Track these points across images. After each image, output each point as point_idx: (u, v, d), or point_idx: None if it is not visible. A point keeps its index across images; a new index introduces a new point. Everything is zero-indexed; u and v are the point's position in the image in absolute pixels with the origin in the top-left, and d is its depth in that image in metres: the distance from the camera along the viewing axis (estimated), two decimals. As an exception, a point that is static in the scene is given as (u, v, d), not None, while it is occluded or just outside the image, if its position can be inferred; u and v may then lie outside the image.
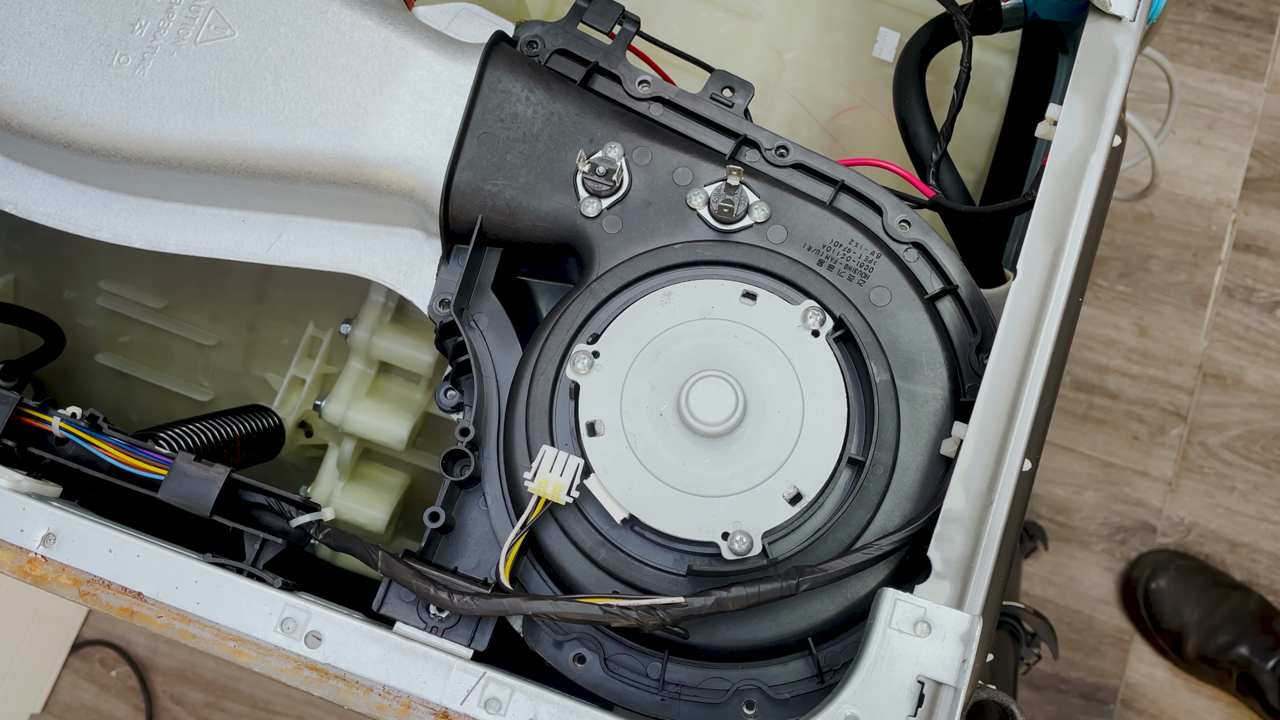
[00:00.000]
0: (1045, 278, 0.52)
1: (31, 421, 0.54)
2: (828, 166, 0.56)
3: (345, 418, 0.69)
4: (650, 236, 0.54)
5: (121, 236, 0.60)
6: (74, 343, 0.76)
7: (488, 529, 0.53)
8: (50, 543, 0.49)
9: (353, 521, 0.72)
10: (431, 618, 0.51)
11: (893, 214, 0.55)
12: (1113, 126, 0.55)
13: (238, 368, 0.78)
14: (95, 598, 0.49)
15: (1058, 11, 0.61)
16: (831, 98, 0.76)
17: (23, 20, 0.56)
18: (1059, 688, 1.57)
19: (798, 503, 0.50)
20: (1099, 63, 0.55)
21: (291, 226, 0.59)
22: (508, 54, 0.56)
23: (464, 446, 0.53)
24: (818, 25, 0.76)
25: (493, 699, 0.47)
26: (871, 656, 0.47)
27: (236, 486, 0.52)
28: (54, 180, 0.60)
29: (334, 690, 0.49)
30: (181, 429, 0.62)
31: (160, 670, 1.61)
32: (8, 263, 0.77)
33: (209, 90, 0.55)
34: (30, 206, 0.60)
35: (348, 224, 0.59)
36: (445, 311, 0.55)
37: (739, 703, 0.51)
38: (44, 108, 0.55)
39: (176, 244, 0.59)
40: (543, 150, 0.55)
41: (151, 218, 0.60)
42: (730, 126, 0.56)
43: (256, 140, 0.55)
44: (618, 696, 0.51)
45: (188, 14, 0.56)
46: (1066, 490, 1.68)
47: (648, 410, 0.51)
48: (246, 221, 0.59)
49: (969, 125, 0.74)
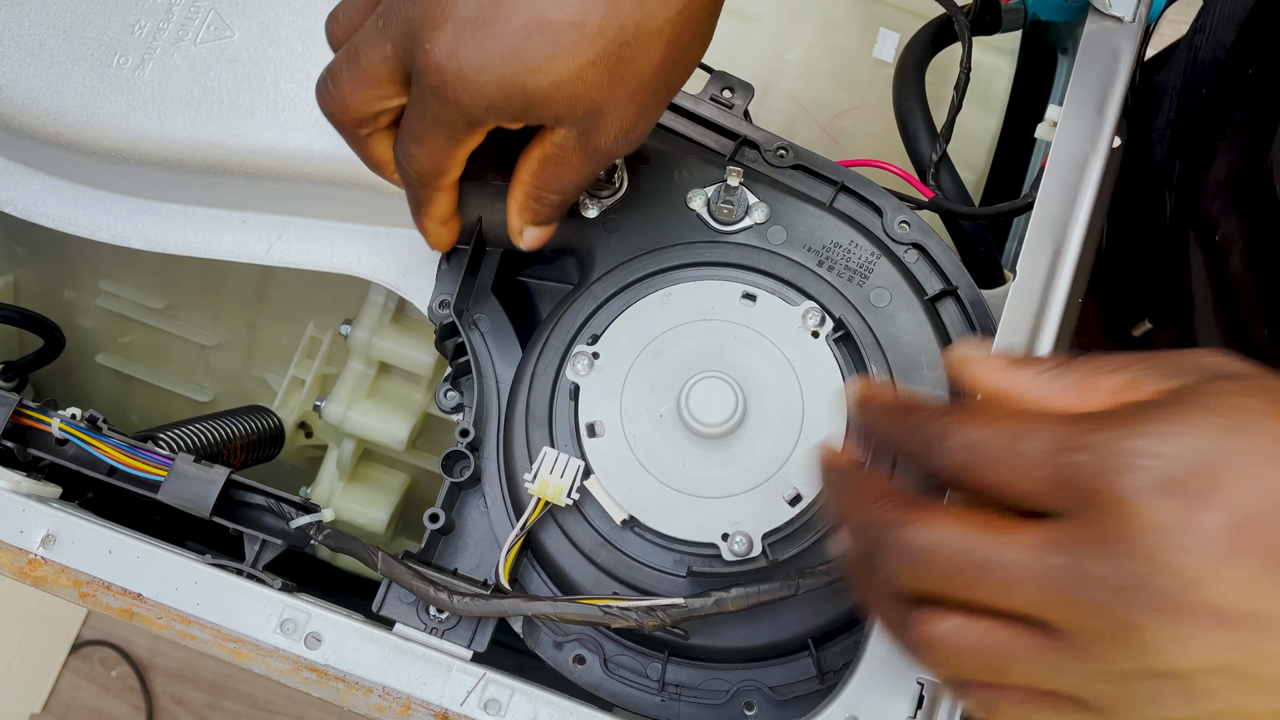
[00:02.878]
0: (1045, 278, 0.52)
1: (31, 422, 0.54)
2: (827, 167, 0.56)
3: (345, 418, 0.69)
4: (649, 238, 0.54)
5: (121, 237, 0.60)
6: (74, 343, 0.76)
7: (488, 530, 0.53)
8: (50, 544, 0.49)
9: (352, 522, 0.72)
10: (431, 619, 0.51)
11: (892, 215, 0.55)
12: (1112, 127, 0.55)
13: (238, 368, 0.78)
14: (95, 599, 0.49)
15: (1058, 12, 0.61)
16: (831, 98, 0.76)
17: (22, 21, 0.56)
18: (1059, 688, 1.57)
19: (798, 504, 0.50)
20: (1099, 63, 0.55)
21: (291, 227, 0.59)
22: (507, 55, 0.56)
23: (464, 448, 0.53)
24: (818, 26, 0.76)
25: (492, 700, 0.47)
26: (871, 657, 0.47)
27: (236, 487, 0.52)
28: (54, 181, 0.60)
29: (334, 691, 0.49)
30: (181, 430, 0.62)
31: (160, 670, 1.61)
32: (7, 263, 0.77)
33: (209, 91, 0.55)
34: (30, 207, 0.60)
35: (348, 225, 0.59)
36: (445, 312, 0.55)
37: (739, 703, 0.51)
38: (44, 108, 0.55)
39: (176, 245, 0.59)
40: (542, 151, 0.54)
41: (151, 218, 0.60)
42: (730, 127, 0.56)
43: (256, 141, 0.55)
44: (617, 697, 0.51)
45: (187, 15, 0.56)
46: (1066, 490, 1.68)
47: (648, 411, 0.51)
48: (246, 222, 0.59)
49: (969, 126, 0.74)
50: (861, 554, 0.37)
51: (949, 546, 0.35)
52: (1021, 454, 0.35)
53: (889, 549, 0.36)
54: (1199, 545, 0.32)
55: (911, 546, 0.35)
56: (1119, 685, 0.34)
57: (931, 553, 0.35)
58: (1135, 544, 0.33)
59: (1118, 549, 0.33)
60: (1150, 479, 0.33)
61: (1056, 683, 0.35)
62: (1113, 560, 0.33)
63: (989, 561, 0.34)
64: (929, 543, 0.35)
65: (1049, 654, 0.35)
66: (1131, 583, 0.33)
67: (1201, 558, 0.32)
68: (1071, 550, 0.34)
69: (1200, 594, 0.32)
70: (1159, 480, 0.33)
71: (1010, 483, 0.35)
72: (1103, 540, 0.33)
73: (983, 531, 0.35)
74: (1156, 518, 0.32)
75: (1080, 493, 0.34)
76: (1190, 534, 0.32)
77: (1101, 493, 0.33)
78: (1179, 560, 0.32)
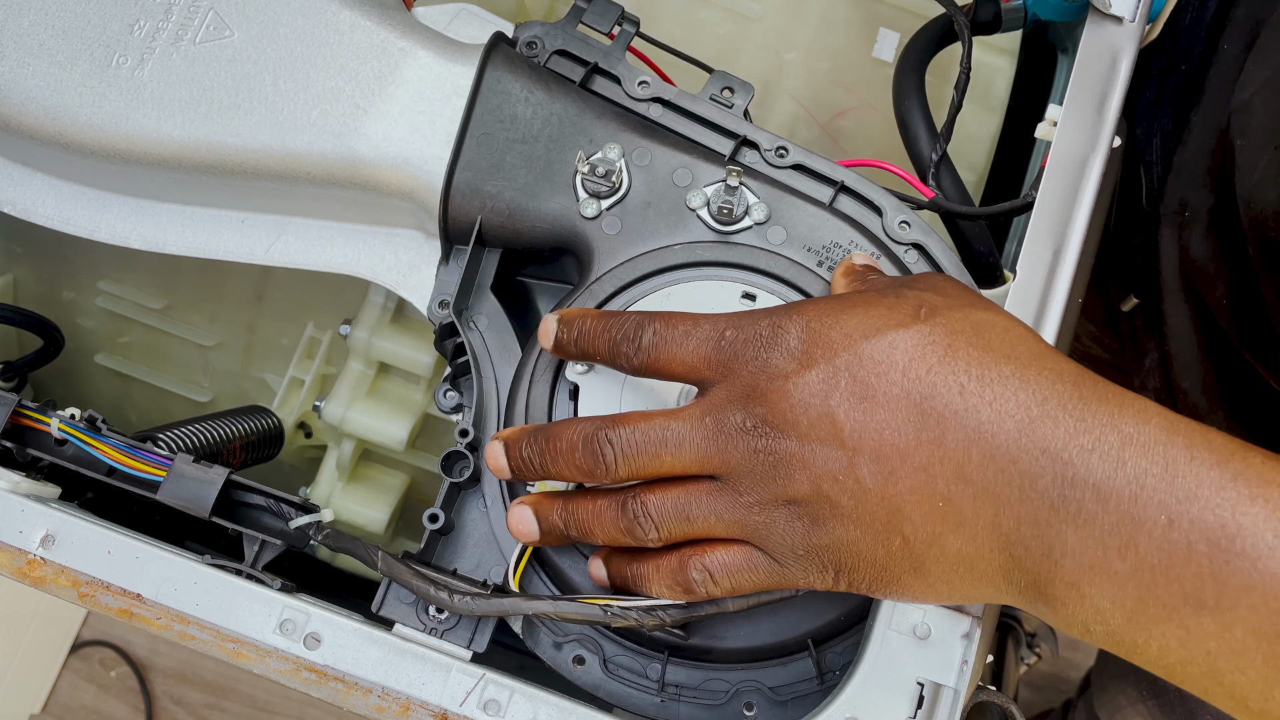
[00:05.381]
0: (1045, 278, 0.52)
1: (30, 423, 0.53)
2: (827, 167, 0.56)
3: (344, 418, 0.69)
4: (650, 237, 0.54)
5: (120, 237, 0.60)
6: (73, 343, 0.76)
7: (487, 530, 0.53)
8: (49, 544, 0.49)
9: (352, 522, 0.72)
10: (431, 619, 0.51)
11: (892, 215, 0.55)
12: (1112, 127, 0.55)
13: (237, 368, 0.78)
14: (94, 599, 0.49)
15: (1058, 12, 0.61)
16: (831, 98, 0.76)
17: (21, 21, 0.56)
18: (1059, 688, 1.57)
19: (797, 504, 0.50)
20: (1099, 63, 0.55)
21: (291, 227, 0.59)
22: (507, 55, 0.56)
23: (463, 448, 0.52)
24: (818, 26, 0.76)
25: (492, 700, 0.47)
26: (871, 658, 0.47)
27: (235, 488, 0.52)
28: (53, 181, 0.60)
29: (333, 692, 0.49)
30: (180, 430, 0.62)
31: (160, 671, 1.61)
32: (7, 263, 0.77)
33: (208, 91, 0.55)
34: (29, 207, 0.60)
35: (347, 225, 0.59)
36: (444, 312, 0.55)
37: (739, 704, 0.51)
38: (43, 108, 0.55)
39: (175, 245, 0.59)
40: (542, 151, 0.54)
41: (150, 218, 0.60)
42: (730, 127, 0.56)
43: (255, 141, 0.55)
44: (617, 698, 0.51)
45: (187, 15, 0.56)
46: (1066, 490, 1.68)
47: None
48: (246, 222, 0.59)
49: (969, 126, 0.74)
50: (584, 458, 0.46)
51: (640, 436, 0.45)
52: (691, 340, 0.46)
53: (603, 444, 0.45)
54: (801, 392, 0.43)
55: (615, 439, 0.45)
56: (765, 515, 0.44)
57: (629, 440, 0.45)
58: (756, 394, 0.44)
59: (745, 400, 0.44)
60: (769, 349, 0.44)
61: (725, 521, 0.45)
62: (743, 409, 0.44)
63: (665, 437, 0.45)
64: (625, 434, 0.45)
65: (716, 495, 0.45)
66: (754, 424, 0.43)
67: (804, 401, 0.43)
68: (714, 410, 0.44)
69: (803, 430, 0.43)
70: (775, 349, 0.44)
71: (686, 364, 0.46)
72: (734, 397, 0.44)
73: (658, 420, 0.45)
74: (771, 373, 0.43)
75: (724, 364, 0.45)
76: (795, 383, 0.43)
77: (737, 359, 0.44)
78: (785, 404, 0.43)
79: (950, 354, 0.42)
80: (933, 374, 0.42)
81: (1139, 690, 0.88)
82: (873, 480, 0.42)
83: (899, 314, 0.44)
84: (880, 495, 0.42)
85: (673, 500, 0.45)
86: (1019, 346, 0.43)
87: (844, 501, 0.43)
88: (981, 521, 0.41)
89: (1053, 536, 0.40)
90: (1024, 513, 0.41)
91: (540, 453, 0.47)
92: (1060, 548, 0.40)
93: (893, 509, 0.42)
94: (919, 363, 0.42)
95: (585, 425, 0.46)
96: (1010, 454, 0.41)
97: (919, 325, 0.43)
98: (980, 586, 0.43)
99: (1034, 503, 0.40)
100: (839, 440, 0.42)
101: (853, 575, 0.44)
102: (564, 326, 0.49)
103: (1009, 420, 0.41)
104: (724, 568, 0.45)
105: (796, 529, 0.44)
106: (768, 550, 0.45)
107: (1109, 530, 0.39)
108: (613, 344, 0.47)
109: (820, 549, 0.44)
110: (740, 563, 0.45)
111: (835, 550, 0.44)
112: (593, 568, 0.50)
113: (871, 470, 0.42)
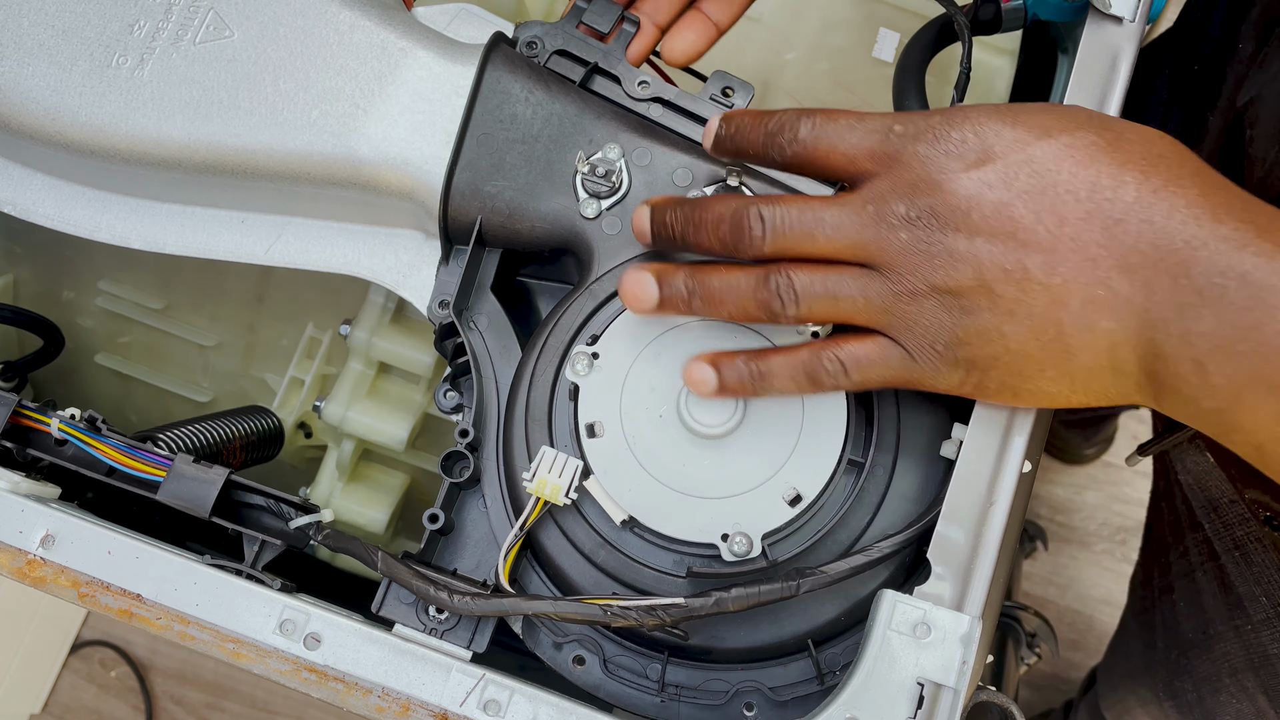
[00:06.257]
0: (1045, 279, 0.52)
1: (30, 423, 0.53)
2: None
3: (345, 419, 0.69)
4: (650, 237, 0.54)
5: (120, 237, 0.60)
6: (73, 343, 0.76)
7: (487, 530, 0.53)
8: (49, 544, 0.49)
9: (352, 522, 0.72)
10: (431, 619, 0.51)
11: (893, 215, 0.55)
12: (1113, 127, 0.55)
13: (237, 368, 0.78)
14: (94, 599, 0.49)
15: (1058, 12, 0.61)
16: (831, 98, 0.76)
17: (21, 21, 0.56)
18: (1059, 688, 1.57)
19: (797, 504, 0.50)
20: (1099, 63, 0.55)
21: (291, 227, 0.59)
22: (507, 55, 0.56)
23: (463, 448, 0.52)
24: (818, 26, 0.76)
25: (492, 700, 0.47)
26: (871, 658, 0.47)
27: (235, 488, 0.52)
28: (53, 181, 0.60)
29: (333, 692, 0.49)
30: (180, 430, 0.62)
31: (160, 670, 1.62)
32: (7, 263, 0.77)
33: (208, 91, 0.55)
34: (29, 207, 0.60)
35: (347, 225, 0.59)
36: (444, 312, 0.55)
37: (739, 704, 0.51)
38: (43, 108, 0.55)
39: (175, 245, 0.59)
40: (542, 151, 0.54)
41: (150, 219, 0.60)
42: (730, 127, 0.56)
43: (255, 141, 0.55)
44: (617, 698, 0.51)
45: (187, 15, 0.56)
46: (1066, 490, 1.68)
47: (647, 412, 0.51)
48: (246, 222, 0.59)
49: (969, 126, 0.74)
50: (730, 230, 0.46)
51: (794, 214, 0.46)
52: (855, 133, 0.46)
53: (753, 218, 0.46)
54: (975, 185, 0.44)
55: (768, 214, 0.46)
56: (915, 304, 0.45)
57: (783, 217, 0.46)
58: (925, 186, 0.44)
59: (912, 192, 0.44)
60: (939, 144, 0.44)
61: (871, 307, 0.45)
62: (907, 200, 0.44)
63: (822, 218, 0.45)
64: (779, 211, 0.46)
65: (867, 279, 0.45)
66: (918, 215, 0.44)
67: (978, 194, 0.44)
68: (876, 200, 0.45)
69: (974, 223, 0.44)
70: (945, 144, 0.44)
71: (847, 155, 0.46)
72: (898, 187, 0.45)
73: (814, 202, 0.46)
74: (943, 165, 0.44)
75: (890, 155, 0.45)
76: (970, 177, 0.44)
77: (904, 152, 0.45)
78: (956, 197, 0.44)
79: (1124, 156, 0.44)
80: (1106, 173, 0.43)
81: (1153, 691, 0.88)
82: (1040, 271, 0.43)
83: (1071, 120, 0.45)
84: (1045, 286, 0.43)
85: (821, 277, 0.45)
86: (1189, 163, 0.44)
87: (1007, 293, 0.44)
88: (1134, 308, 0.43)
89: (1192, 319, 0.42)
90: (1173, 298, 0.42)
91: (685, 219, 0.47)
92: (1197, 329, 0.42)
93: (1055, 299, 0.43)
94: (1094, 164, 0.44)
95: (738, 200, 0.47)
96: (1174, 245, 0.42)
97: (1093, 129, 0.44)
98: (1109, 377, 0.45)
99: (1185, 289, 0.42)
100: (1009, 233, 0.43)
101: (988, 372, 0.45)
102: (724, 123, 0.49)
103: (1177, 216, 0.42)
104: (857, 360, 0.46)
105: (944, 321, 0.45)
106: (904, 344, 0.46)
107: (1242, 312, 0.41)
108: (767, 135, 0.47)
109: (962, 343, 0.45)
110: (875, 355, 0.46)
111: (980, 343, 0.45)
112: (694, 370, 0.48)
113: (1040, 261, 0.43)
